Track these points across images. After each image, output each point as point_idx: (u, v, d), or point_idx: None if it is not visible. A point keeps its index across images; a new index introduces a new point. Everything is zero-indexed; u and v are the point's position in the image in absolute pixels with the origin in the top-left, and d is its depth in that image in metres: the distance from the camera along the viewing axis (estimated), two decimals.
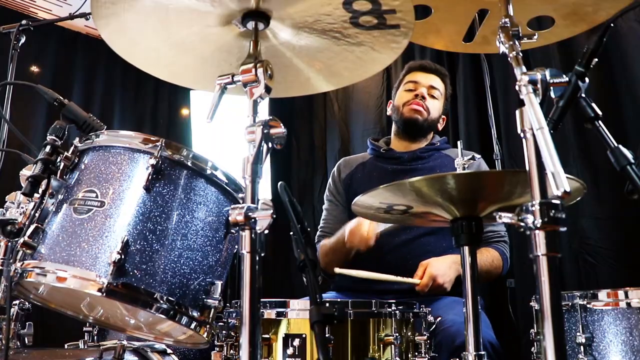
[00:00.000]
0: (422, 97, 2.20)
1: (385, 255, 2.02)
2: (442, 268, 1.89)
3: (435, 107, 2.23)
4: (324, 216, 2.30)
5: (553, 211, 0.82)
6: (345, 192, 2.26)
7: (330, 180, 2.35)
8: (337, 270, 1.88)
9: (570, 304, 1.27)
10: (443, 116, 2.32)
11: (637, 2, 1.26)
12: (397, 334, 1.30)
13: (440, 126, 2.31)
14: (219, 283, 1.25)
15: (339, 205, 2.26)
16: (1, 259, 1.36)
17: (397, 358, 1.29)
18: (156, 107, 4.32)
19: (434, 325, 1.40)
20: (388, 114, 2.38)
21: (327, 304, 1.03)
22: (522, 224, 0.84)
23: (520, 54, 0.99)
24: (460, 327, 1.55)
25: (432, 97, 2.23)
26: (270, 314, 1.30)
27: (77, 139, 1.32)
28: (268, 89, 1.11)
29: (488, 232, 2.07)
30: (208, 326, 1.24)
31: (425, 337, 1.36)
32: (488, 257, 2.01)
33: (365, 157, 2.32)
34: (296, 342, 1.26)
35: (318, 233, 2.27)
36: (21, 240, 1.20)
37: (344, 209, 2.23)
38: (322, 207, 2.34)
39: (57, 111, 1.41)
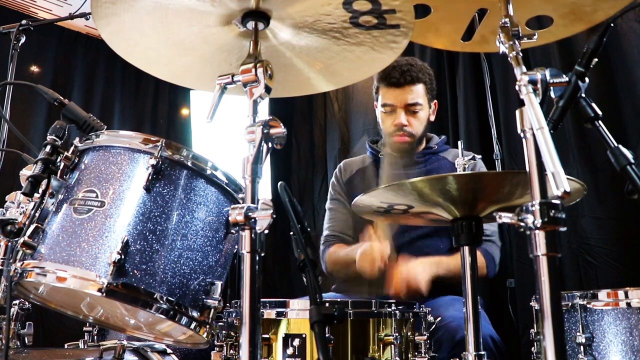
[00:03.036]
0: (402, 126, 2.10)
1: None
2: (416, 270, 1.86)
3: (418, 122, 2.13)
4: (331, 216, 2.27)
5: (553, 211, 0.82)
6: (347, 194, 2.25)
7: (333, 180, 2.34)
8: None
9: (570, 304, 1.27)
10: (434, 102, 2.21)
11: (637, 2, 1.26)
12: (397, 334, 1.30)
13: (432, 117, 2.22)
14: (219, 283, 1.25)
15: (346, 204, 2.24)
16: (1, 259, 1.36)
17: (397, 358, 1.29)
18: (156, 107, 4.32)
19: (434, 324, 1.40)
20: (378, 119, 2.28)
21: (327, 304, 1.03)
22: (522, 224, 0.84)
23: (520, 54, 0.99)
24: (461, 322, 1.55)
25: (413, 112, 2.11)
26: (270, 314, 1.30)
27: (77, 139, 1.32)
28: (268, 89, 1.12)
29: None
30: (208, 326, 1.24)
31: (425, 337, 1.36)
32: None
33: (365, 161, 2.31)
34: (296, 342, 1.26)
35: (327, 233, 2.25)
36: (21, 240, 1.20)
37: (350, 209, 2.22)
38: (326, 207, 2.33)
39: (57, 111, 1.41)
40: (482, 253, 2.02)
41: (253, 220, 0.98)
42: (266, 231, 0.99)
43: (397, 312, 1.34)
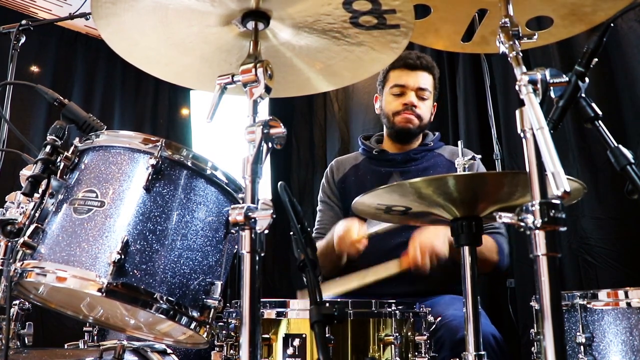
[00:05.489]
0: (412, 106, 2.11)
1: (379, 259, 2.00)
2: (431, 237, 1.78)
3: (426, 108, 2.15)
4: (319, 217, 2.26)
5: (553, 211, 0.82)
6: (339, 194, 2.23)
7: (323, 181, 2.31)
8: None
9: (570, 304, 1.27)
10: (435, 103, 2.23)
11: (637, 2, 1.26)
12: (397, 334, 1.30)
13: (431, 116, 2.23)
14: (219, 283, 1.25)
15: (334, 207, 2.23)
16: (1, 259, 1.36)
17: (397, 358, 1.29)
18: (156, 107, 4.33)
19: (434, 324, 1.40)
20: (376, 112, 2.29)
21: (327, 304, 1.03)
22: (522, 224, 0.84)
23: (520, 54, 0.99)
24: (461, 321, 1.54)
25: (422, 98, 2.13)
26: (270, 314, 1.30)
27: (77, 139, 1.32)
28: (268, 89, 1.11)
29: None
30: (208, 326, 1.24)
31: (425, 337, 1.36)
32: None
33: (358, 159, 2.28)
34: (296, 342, 1.26)
35: (313, 235, 2.23)
36: (21, 240, 1.20)
37: (339, 210, 2.21)
38: (316, 209, 2.32)
39: (57, 111, 1.41)
40: (494, 240, 1.99)
41: (253, 220, 0.98)
42: (266, 231, 0.99)
43: (397, 312, 1.34)
